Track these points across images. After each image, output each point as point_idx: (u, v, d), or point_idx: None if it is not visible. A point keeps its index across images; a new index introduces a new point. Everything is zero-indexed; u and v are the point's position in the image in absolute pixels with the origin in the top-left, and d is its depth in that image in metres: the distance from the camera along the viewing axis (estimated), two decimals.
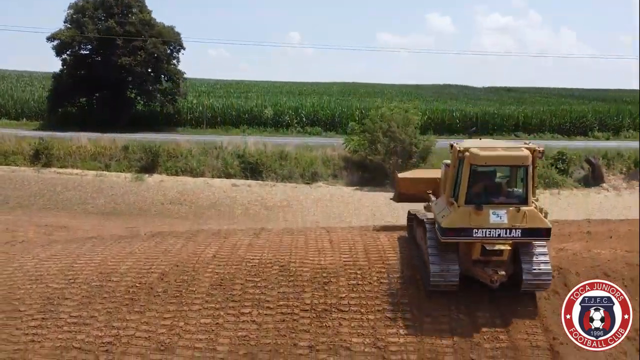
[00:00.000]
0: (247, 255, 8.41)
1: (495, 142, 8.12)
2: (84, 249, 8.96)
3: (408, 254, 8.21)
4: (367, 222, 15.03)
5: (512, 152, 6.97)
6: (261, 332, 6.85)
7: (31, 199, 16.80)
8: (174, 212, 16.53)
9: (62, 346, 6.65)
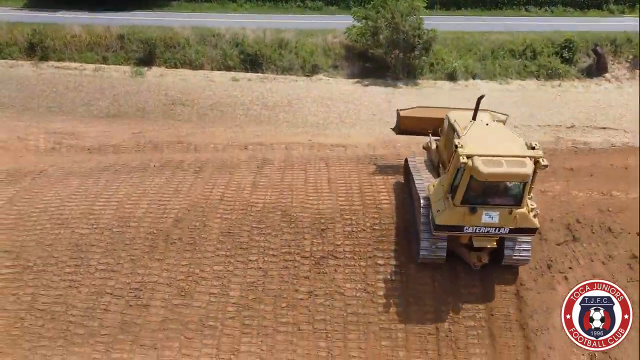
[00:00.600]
0: (251, 198, 9.15)
1: (498, 136, 7.44)
2: (100, 186, 9.66)
3: (401, 202, 8.90)
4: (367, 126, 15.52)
5: (515, 170, 6.81)
6: (267, 279, 7.88)
7: (35, 100, 17.01)
8: (177, 114, 16.87)
9: (96, 292, 7.73)
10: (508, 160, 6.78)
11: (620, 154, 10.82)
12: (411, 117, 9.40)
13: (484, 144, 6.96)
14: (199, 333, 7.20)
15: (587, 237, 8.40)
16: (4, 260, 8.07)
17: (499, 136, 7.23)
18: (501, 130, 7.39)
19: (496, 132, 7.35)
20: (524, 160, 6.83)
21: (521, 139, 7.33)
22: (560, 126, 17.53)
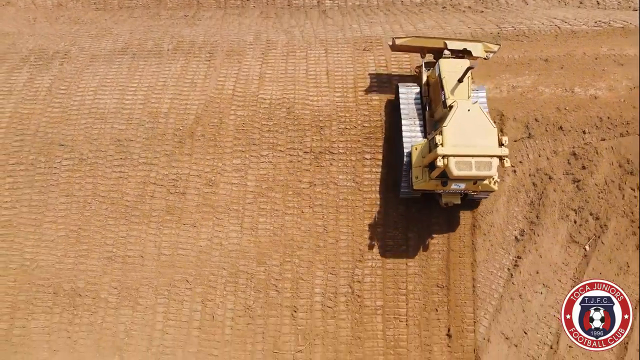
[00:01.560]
0: (259, 92, 10.58)
1: (475, 127, 7.92)
2: (124, 75, 10.91)
3: (388, 101, 10.36)
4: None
5: (482, 172, 7.70)
6: (276, 171, 9.94)
7: None
8: None
9: (142, 182, 9.88)
10: (477, 161, 7.71)
11: (597, 39, 11.64)
12: (407, 46, 9.73)
13: (460, 140, 7.79)
14: (226, 214, 9.58)
15: (540, 135, 10.12)
16: (63, 153, 10.00)
17: (476, 127, 7.91)
18: (479, 119, 7.98)
19: (474, 121, 7.94)
20: (491, 161, 7.75)
21: (495, 129, 8.07)
22: None
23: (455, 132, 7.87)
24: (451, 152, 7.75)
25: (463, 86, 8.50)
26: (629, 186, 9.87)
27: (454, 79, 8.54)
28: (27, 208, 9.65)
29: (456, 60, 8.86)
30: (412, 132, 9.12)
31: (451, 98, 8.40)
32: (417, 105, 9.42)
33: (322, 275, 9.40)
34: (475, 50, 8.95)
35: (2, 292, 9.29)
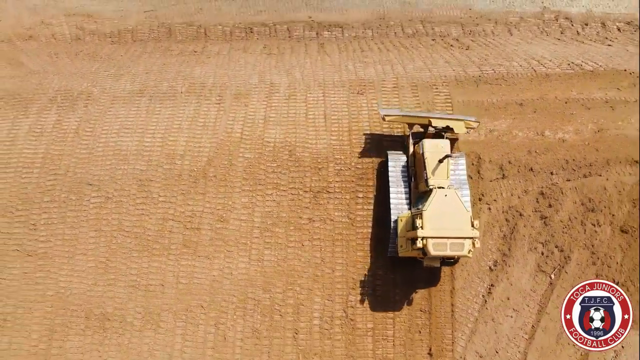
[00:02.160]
0: (264, 135, 11.87)
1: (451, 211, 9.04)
2: (142, 117, 12.16)
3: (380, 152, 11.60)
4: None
5: (455, 252, 8.95)
6: (279, 209, 11.28)
7: None
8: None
9: (161, 218, 11.22)
10: (452, 242, 8.93)
11: (569, 82, 12.91)
12: (395, 121, 10.94)
13: (437, 224, 8.99)
14: (236, 247, 10.96)
15: (513, 175, 11.45)
16: (91, 192, 11.33)
17: (452, 212, 9.07)
18: (455, 204, 9.15)
19: (450, 205, 9.11)
20: (463, 242, 9.00)
21: (469, 212, 9.27)
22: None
23: (433, 216, 9.02)
24: (429, 234, 8.91)
25: (443, 166, 9.76)
26: (590, 222, 11.25)
27: (435, 158, 9.82)
28: (60, 241, 11.01)
29: (438, 141, 10.10)
30: (399, 200, 10.34)
31: (432, 179, 9.70)
32: (403, 174, 10.61)
33: (320, 301, 10.81)
34: (457, 128, 10.23)
35: (40, 316, 10.69)
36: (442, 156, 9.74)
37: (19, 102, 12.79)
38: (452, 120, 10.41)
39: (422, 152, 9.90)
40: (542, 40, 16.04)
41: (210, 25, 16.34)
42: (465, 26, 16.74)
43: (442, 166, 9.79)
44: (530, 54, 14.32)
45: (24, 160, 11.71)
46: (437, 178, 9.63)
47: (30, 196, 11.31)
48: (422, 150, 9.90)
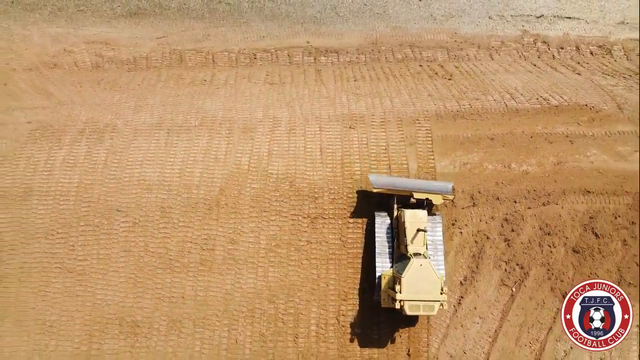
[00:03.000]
0: (268, 167, 13.73)
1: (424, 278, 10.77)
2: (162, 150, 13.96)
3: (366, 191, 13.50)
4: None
5: (426, 313, 10.87)
6: (282, 232, 13.24)
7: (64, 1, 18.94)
8: (190, 10, 19.10)
9: (181, 241, 13.17)
10: (424, 305, 10.77)
11: (535, 117, 14.69)
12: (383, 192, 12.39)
13: (413, 289, 10.76)
14: (245, 265, 12.95)
15: (482, 204, 13.37)
16: (120, 217, 13.26)
17: (425, 278, 10.77)
18: (428, 272, 10.82)
19: (424, 273, 10.78)
20: (434, 305, 10.83)
21: (439, 280, 10.92)
22: (530, 16, 20.03)
23: (409, 282, 10.79)
24: (406, 298, 10.82)
25: (420, 235, 11.55)
26: (546, 244, 13.24)
27: (414, 227, 11.55)
28: (96, 260, 13.00)
29: (418, 211, 11.77)
30: (383, 258, 12.16)
31: (410, 246, 11.49)
32: (388, 234, 12.31)
33: (316, 310, 12.87)
34: (435, 200, 12.07)
35: (81, 323, 12.75)
36: (420, 226, 11.51)
37: (52, 133, 14.58)
38: (431, 194, 12.14)
39: (403, 220, 11.55)
40: (519, 67, 17.76)
41: (217, 51, 18.00)
42: (451, 51, 18.43)
43: (420, 235, 11.58)
44: (505, 86, 16.06)
45: (61, 188, 13.59)
46: (415, 245, 11.36)
47: (68, 221, 13.23)
48: (403, 219, 11.54)
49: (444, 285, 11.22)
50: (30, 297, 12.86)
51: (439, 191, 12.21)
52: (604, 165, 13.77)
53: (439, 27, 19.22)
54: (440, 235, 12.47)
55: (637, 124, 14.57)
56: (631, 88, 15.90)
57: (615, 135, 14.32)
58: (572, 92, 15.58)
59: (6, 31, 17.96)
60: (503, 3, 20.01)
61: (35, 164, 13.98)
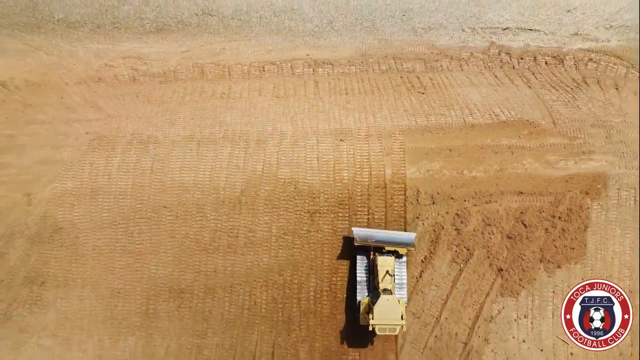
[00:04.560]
0: (278, 173, 17.95)
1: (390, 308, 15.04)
2: (195, 159, 18.11)
3: (353, 192, 17.81)
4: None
5: (390, 333, 15.13)
6: (288, 224, 17.64)
7: (100, 17, 22.37)
8: (207, 25, 22.57)
9: (214, 230, 17.59)
10: (389, 327, 15.01)
11: (486, 131, 18.74)
12: (363, 245, 16.31)
13: (382, 316, 15.01)
14: (261, 248, 17.42)
15: (439, 202, 17.69)
16: (166, 212, 17.63)
17: (390, 308, 15.05)
18: (393, 304, 15.13)
19: (390, 305, 15.08)
20: (396, 327, 15.14)
21: (400, 310, 15.27)
22: (497, 28, 23.58)
23: (380, 311, 15.02)
24: (376, 323, 15.06)
25: (388, 277, 15.85)
26: (487, 232, 17.67)
27: (384, 269, 15.85)
28: (149, 244, 17.49)
29: (387, 257, 16.04)
30: (362, 287, 16.38)
31: (381, 283, 15.76)
32: (366, 270, 16.43)
33: (314, 281, 17.49)
34: (401, 251, 16.29)
35: (140, 290, 17.38)
36: (389, 269, 15.82)
37: (107, 143, 18.70)
38: (398, 246, 16.27)
39: (376, 263, 15.74)
40: (482, 79, 21.55)
41: (232, 64, 21.75)
42: (427, 62, 22.18)
43: (388, 277, 15.99)
44: (467, 100, 19.98)
45: (119, 189, 17.88)
46: (384, 283, 15.60)
47: (127, 215, 17.62)
48: (376, 262, 15.72)
49: (404, 312, 15.62)
50: (102, 271, 17.43)
51: (405, 243, 16.13)
52: (535, 172, 17.99)
53: (418, 40, 22.77)
54: (404, 272, 16.73)
55: (567, 137, 18.66)
56: (568, 103, 19.81)
57: (547, 147, 18.43)
58: (519, 108, 19.52)
59: (56, 48, 21.59)
60: (475, 17, 23.43)
61: (97, 169, 18.18)
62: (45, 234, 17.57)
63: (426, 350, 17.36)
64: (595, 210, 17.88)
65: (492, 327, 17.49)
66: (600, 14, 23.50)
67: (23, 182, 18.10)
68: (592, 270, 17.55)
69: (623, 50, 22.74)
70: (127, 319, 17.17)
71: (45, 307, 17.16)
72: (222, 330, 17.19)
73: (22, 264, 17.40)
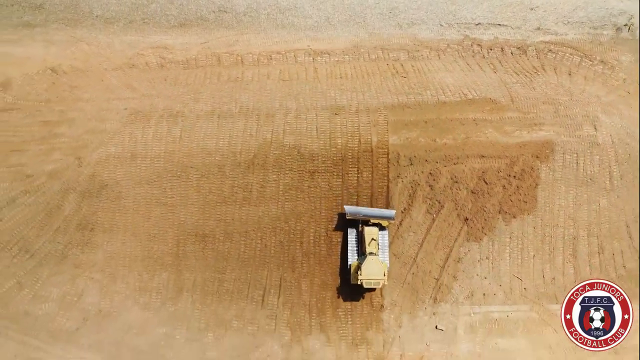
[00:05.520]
0: (284, 140, 22.00)
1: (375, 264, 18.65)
2: (215, 129, 22.23)
3: (346, 148, 21.86)
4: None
5: (376, 285, 19.02)
6: (292, 181, 21.59)
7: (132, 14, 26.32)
8: (223, 20, 26.57)
9: (231, 185, 21.63)
10: (374, 281, 18.78)
11: (455, 107, 22.73)
12: (352, 218, 20.23)
13: (368, 272, 18.47)
14: (270, 201, 21.39)
15: (416, 164, 21.66)
16: (192, 172, 21.64)
17: (375, 267, 18.46)
18: (377, 264, 18.63)
19: (375, 264, 18.55)
20: (380, 281, 18.92)
21: (384, 269, 19.29)
22: (471, 23, 27.54)
23: (366, 268, 18.42)
24: (364, 278, 18.57)
25: (373, 243, 19.63)
26: (455, 188, 21.68)
27: (370, 236, 19.62)
28: (179, 198, 21.48)
29: (372, 228, 19.77)
30: (352, 253, 19.63)
31: (367, 249, 19.53)
32: (356, 240, 19.71)
33: (314, 228, 21.47)
34: (383, 223, 20.04)
35: (172, 235, 21.37)
36: (374, 236, 19.66)
37: (143, 117, 22.70)
38: (381, 219, 20.10)
39: (363, 233, 19.31)
40: (456, 66, 25.50)
41: (244, 53, 25.75)
42: (410, 52, 26.16)
43: (373, 242, 19.83)
44: (441, 83, 23.97)
45: (154, 154, 21.88)
46: (370, 248, 18.77)
47: (161, 174, 21.63)
48: (363, 232, 19.31)
49: (386, 272, 19.53)
50: (140, 220, 21.44)
51: (387, 217, 19.53)
52: (495, 139, 22.01)
53: (403, 33, 26.75)
54: (387, 240, 20.50)
55: (522, 112, 22.68)
56: (525, 85, 23.82)
57: (505, 120, 22.45)
58: (484, 89, 23.53)
59: (95, 39, 25.60)
60: (452, 14, 27.42)
61: (135, 138, 22.19)
62: (93, 189, 21.57)
63: (405, 285, 21.33)
64: (544, 171, 21.89)
65: (459, 267, 21.46)
66: (559, 12, 27.48)
67: (74, 148, 22.11)
68: (541, 220, 21.66)
69: (578, 42, 26.69)
70: (161, 258, 21.15)
71: (94, 249, 21.15)
72: (239, 267, 21.17)
73: (75, 213, 21.39)
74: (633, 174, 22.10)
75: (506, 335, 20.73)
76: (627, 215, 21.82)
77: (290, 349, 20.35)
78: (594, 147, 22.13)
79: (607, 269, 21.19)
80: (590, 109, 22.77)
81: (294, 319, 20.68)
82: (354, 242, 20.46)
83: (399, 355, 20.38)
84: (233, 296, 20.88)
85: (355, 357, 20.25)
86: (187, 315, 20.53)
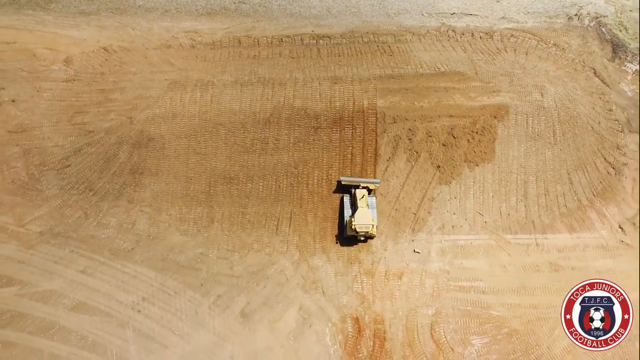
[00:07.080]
0: (295, 104, 27.73)
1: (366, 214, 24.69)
2: (237, 96, 27.98)
3: (348, 110, 27.62)
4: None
5: (367, 230, 24.98)
6: (301, 135, 27.27)
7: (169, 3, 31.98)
8: (242, 10, 32.25)
9: (251, 139, 27.36)
10: (365, 225, 24.60)
11: (431, 79, 28.43)
12: (346, 184, 26.32)
13: (360, 219, 24.56)
14: (283, 151, 27.14)
15: (398, 122, 27.24)
16: (221, 128, 27.36)
17: (366, 215, 24.55)
18: (367, 214, 24.62)
19: (366, 213, 24.54)
20: (369, 225, 24.67)
21: (373, 215, 25.24)
22: (447, 13, 33.24)
23: (359, 216, 24.66)
24: (357, 223, 24.77)
25: (363, 200, 25.08)
26: (429, 141, 27.38)
27: (361, 194, 25.08)
28: (211, 148, 27.15)
29: (362, 190, 25.37)
30: (347, 212, 25.34)
31: (359, 204, 24.77)
32: (350, 202, 25.58)
33: (318, 172, 27.14)
34: (371, 186, 25.69)
35: (205, 177, 27.04)
36: (364, 194, 25.18)
37: (181, 85, 28.38)
38: (369, 184, 25.76)
39: (355, 194, 25.48)
40: (433, 47, 31.20)
41: (259, 36, 31.45)
42: (396, 36, 31.85)
43: (363, 199, 25.39)
44: (420, 60, 29.68)
45: (190, 113, 27.57)
46: (361, 203, 24.27)
47: (196, 129, 27.31)
48: (355, 194, 25.34)
49: (375, 222, 25.13)
50: (180, 166, 27.13)
51: (374, 183, 25.96)
52: (461, 103, 27.71)
53: (390, 21, 32.43)
54: (374, 201, 26.03)
55: (483, 82, 28.45)
56: (488, 61, 29.52)
57: (470, 88, 28.14)
58: (455, 64, 29.23)
59: (138, 25, 31.27)
60: (431, 5, 33.10)
61: (175, 101, 27.89)
62: (142, 142, 27.28)
63: (389, 218, 27.04)
64: (500, 128, 27.63)
65: (433, 204, 27.16)
66: (521, 4, 33.16)
67: (126, 110, 27.82)
68: (498, 167, 27.39)
69: (536, 29, 32.34)
70: (196, 196, 26.85)
71: (143, 188, 26.86)
72: (258, 203, 26.87)
73: (127, 161, 27.10)
74: (572, 131, 27.82)
75: (469, 258, 26.40)
76: (567, 165, 27.55)
77: (299, 266, 26.01)
78: (541, 110, 27.85)
79: (551, 208, 27.03)
80: (538, 80, 28.48)
81: (301, 243, 26.35)
82: (349, 204, 26.09)
83: (384, 271, 26.05)
84: (253, 225, 26.55)
85: (350, 271, 25.94)
86: (218, 240, 26.19)
